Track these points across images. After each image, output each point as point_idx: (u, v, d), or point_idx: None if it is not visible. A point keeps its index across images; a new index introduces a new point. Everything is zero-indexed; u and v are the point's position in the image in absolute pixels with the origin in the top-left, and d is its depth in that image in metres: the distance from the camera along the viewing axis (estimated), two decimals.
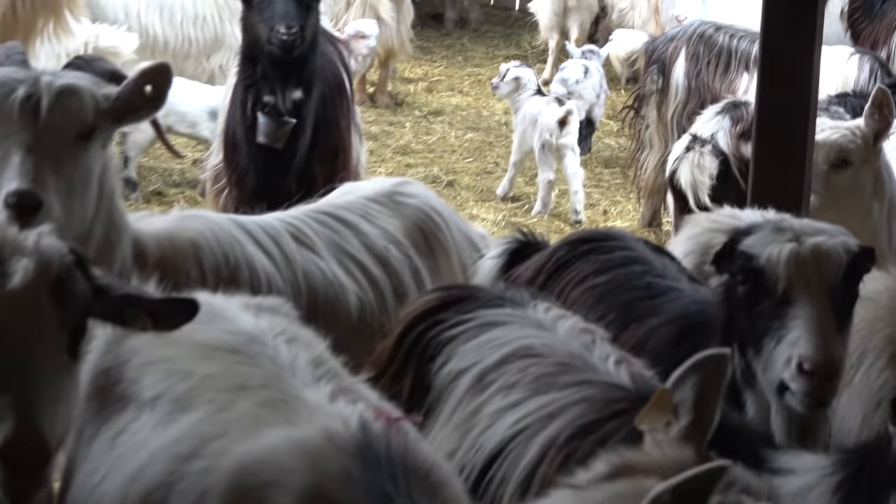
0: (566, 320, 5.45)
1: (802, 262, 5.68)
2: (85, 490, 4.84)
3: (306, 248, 6.93)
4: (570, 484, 3.98)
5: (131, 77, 6.65)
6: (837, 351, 5.60)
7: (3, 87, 6.30)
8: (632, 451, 4.00)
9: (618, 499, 3.79)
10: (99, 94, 6.46)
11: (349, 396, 4.75)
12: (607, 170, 15.12)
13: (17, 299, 4.40)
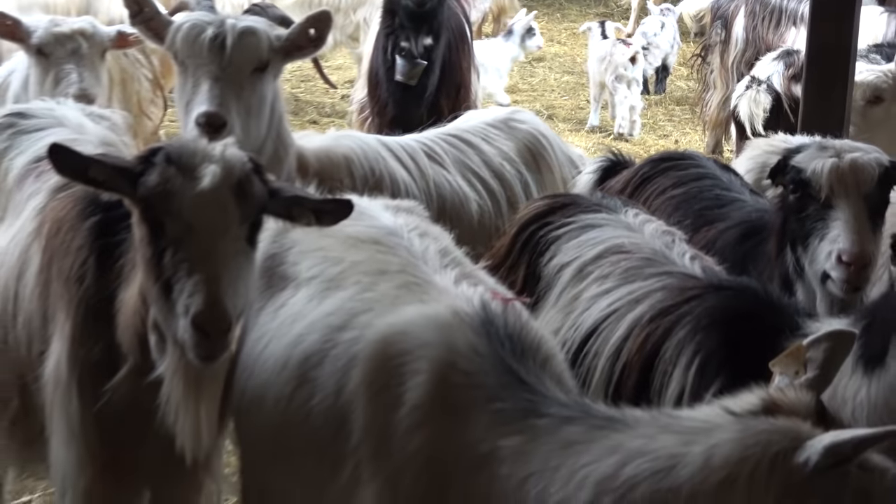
0: (650, 224, 5.44)
1: (842, 173, 5.63)
2: (253, 353, 4.86)
3: (436, 163, 6.91)
4: (726, 407, 3.84)
5: (299, 21, 6.69)
6: (871, 246, 5.61)
7: (195, 28, 6.36)
8: (772, 391, 3.87)
9: (777, 431, 3.66)
10: (272, 34, 6.52)
11: (471, 281, 4.75)
12: (678, 107, 14.98)
13: (207, 197, 4.42)
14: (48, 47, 7.28)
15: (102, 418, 5.07)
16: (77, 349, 5.10)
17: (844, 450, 3.51)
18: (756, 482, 3.59)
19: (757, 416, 3.72)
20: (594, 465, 3.80)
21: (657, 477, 3.69)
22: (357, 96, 10.40)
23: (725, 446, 3.65)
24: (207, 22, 6.40)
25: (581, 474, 3.79)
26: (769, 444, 3.62)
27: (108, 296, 5.02)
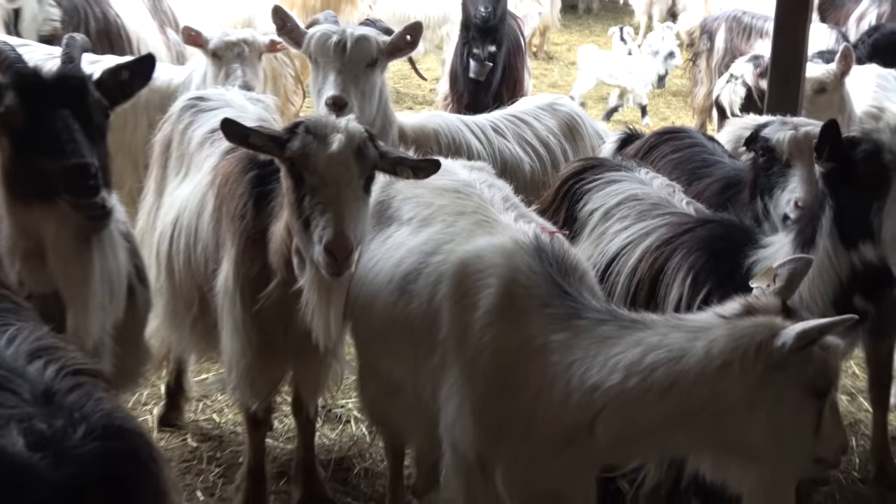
0: (657, 179, 5.39)
1: (798, 141, 5.51)
2: (365, 270, 4.85)
3: (500, 135, 6.86)
4: (719, 313, 3.99)
5: (399, 30, 6.63)
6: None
7: (324, 36, 6.37)
8: (749, 298, 4.02)
9: (759, 326, 3.84)
10: (380, 39, 6.47)
11: (526, 219, 4.73)
12: (674, 98, 14.87)
13: (335, 158, 4.49)
14: (220, 51, 7.31)
15: (258, 318, 5.12)
16: (240, 268, 5.15)
17: (811, 334, 3.71)
18: (746, 363, 3.76)
19: (741, 317, 3.88)
20: (623, 354, 3.92)
21: (671, 364, 3.83)
22: (441, 89, 10.34)
23: (721, 340, 3.82)
24: (333, 31, 6.41)
25: (613, 361, 3.91)
26: (754, 336, 3.80)
27: (262, 229, 5.06)
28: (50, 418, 2.61)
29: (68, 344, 3.16)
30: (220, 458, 6.08)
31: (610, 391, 3.91)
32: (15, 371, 2.81)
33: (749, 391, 3.79)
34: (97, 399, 2.74)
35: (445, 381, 4.36)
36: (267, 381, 5.37)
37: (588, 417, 3.96)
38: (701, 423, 3.89)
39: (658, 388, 3.84)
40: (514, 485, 4.32)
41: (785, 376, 3.79)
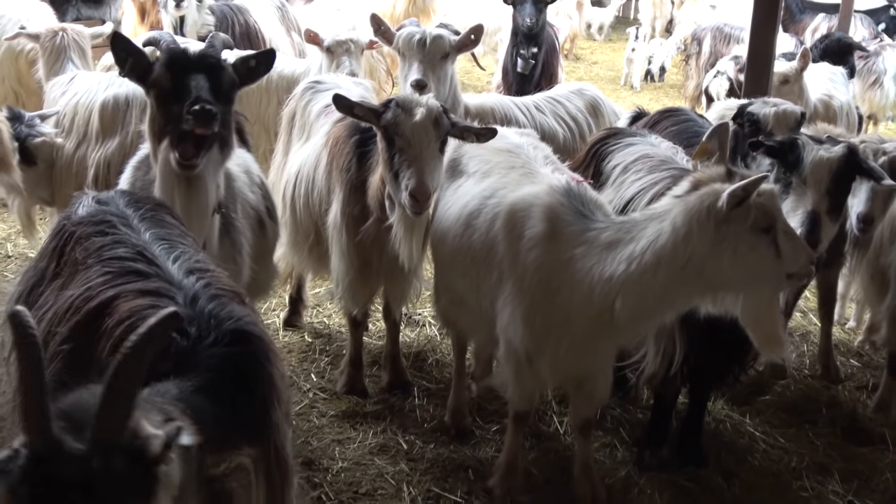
0: (664, 143, 5.23)
1: (779, 115, 5.33)
2: (441, 211, 4.80)
3: (540, 112, 6.72)
4: (673, 195, 4.08)
5: (465, 31, 6.52)
6: None
7: (409, 35, 6.33)
8: (697, 173, 4.11)
9: (705, 195, 3.89)
10: (451, 38, 6.38)
11: (560, 172, 4.68)
12: (671, 89, 14.56)
13: (419, 126, 4.51)
14: (333, 48, 7.29)
15: (358, 246, 5.10)
16: (345, 208, 5.12)
17: (738, 192, 3.79)
18: (702, 226, 3.87)
19: (691, 192, 3.97)
20: (623, 250, 4.03)
21: (653, 245, 3.96)
22: (495, 80, 10.12)
23: (679, 216, 3.93)
24: (416, 31, 6.34)
25: (618, 257, 4.02)
26: (702, 204, 3.89)
27: (362, 179, 5.03)
28: (193, 321, 2.65)
29: (217, 267, 3.17)
30: (329, 350, 6.08)
31: (620, 278, 3.98)
32: (174, 283, 2.87)
33: (711, 244, 3.86)
34: (230, 309, 2.75)
35: (501, 294, 4.36)
36: (364, 293, 5.37)
37: (609, 301, 4.02)
38: (688, 280, 3.95)
39: (650, 265, 3.95)
40: (556, 368, 4.37)
41: (734, 225, 3.84)
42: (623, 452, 5.11)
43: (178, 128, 3.83)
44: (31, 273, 3.35)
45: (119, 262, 2.97)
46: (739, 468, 5.01)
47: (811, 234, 4.61)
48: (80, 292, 2.90)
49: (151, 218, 3.33)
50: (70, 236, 3.22)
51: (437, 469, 4.84)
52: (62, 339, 2.82)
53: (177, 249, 3.09)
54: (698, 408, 5.05)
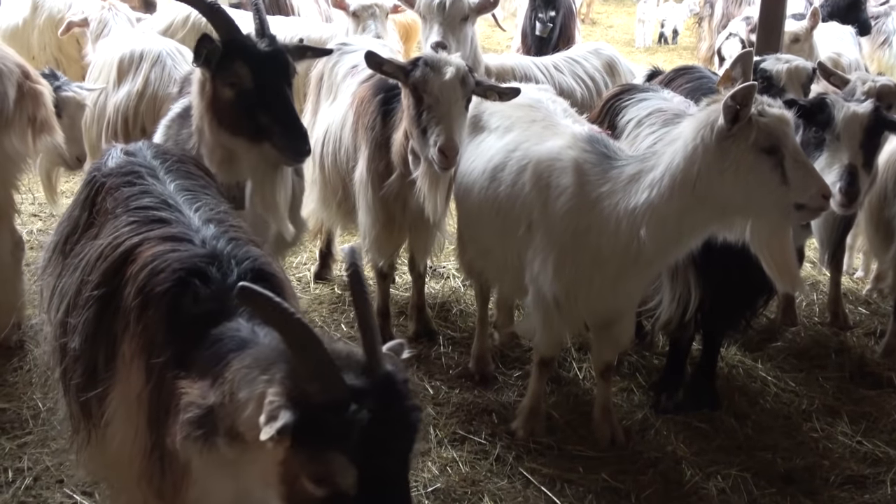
0: (676, 97, 5.12)
1: (791, 71, 5.24)
2: (465, 165, 4.73)
3: (558, 71, 6.65)
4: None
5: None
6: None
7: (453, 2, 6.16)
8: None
9: (709, 111, 3.91)
10: (471, 1, 6.23)
11: (579, 123, 4.65)
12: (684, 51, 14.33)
13: (447, 84, 4.46)
14: (359, 12, 7.26)
15: (383, 200, 5.07)
16: (371, 164, 5.09)
17: (729, 102, 3.75)
18: (705, 140, 3.84)
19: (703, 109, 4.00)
20: (644, 179, 4.01)
21: (668, 169, 3.94)
22: (514, 45, 10.03)
23: (687, 131, 3.97)
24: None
25: (640, 186, 4.00)
26: (707, 119, 3.88)
27: (386, 136, 4.99)
28: (212, 261, 2.66)
29: (236, 218, 3.17)
30: None
31: (643, 206, 3.96)
32: (192, 228, 2.86)
33: (714, 160, 3.81)
34: (246, 250, 2.76)
35: (531, 244, 4.35)
36: (390, 245, 5.35)
37: (635, 232, 3.99)
38: (700, 202, 3.89)
39: (667, 188, 3.94)
40: (587, 310, 4.37)
41: (735, 142, 3.77)
42: (640, 396, 5.09)
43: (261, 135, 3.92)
44: (65, 223, 3.35)
45: (144, 210, 2.98)
46: (751, 410, 4.98)
47: (851, 185, 4.54)
48: (109, 241, 2.91)
49: (177, 169, 3.32)
50: (101, 187, 3.23)
51: (462, 413, 4.83)
52: (93, 285, 2.83)
53: (199, 200, 3.10)
54: (712, 353, 5.02)
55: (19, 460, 4.26)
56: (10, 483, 4.11)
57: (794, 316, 5.97)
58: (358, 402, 2.10)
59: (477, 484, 4.27)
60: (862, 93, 5.26)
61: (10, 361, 5.07)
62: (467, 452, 4.50)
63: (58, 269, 3.20)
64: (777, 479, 4.41)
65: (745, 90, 3.75)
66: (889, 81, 5.48)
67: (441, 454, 4.47)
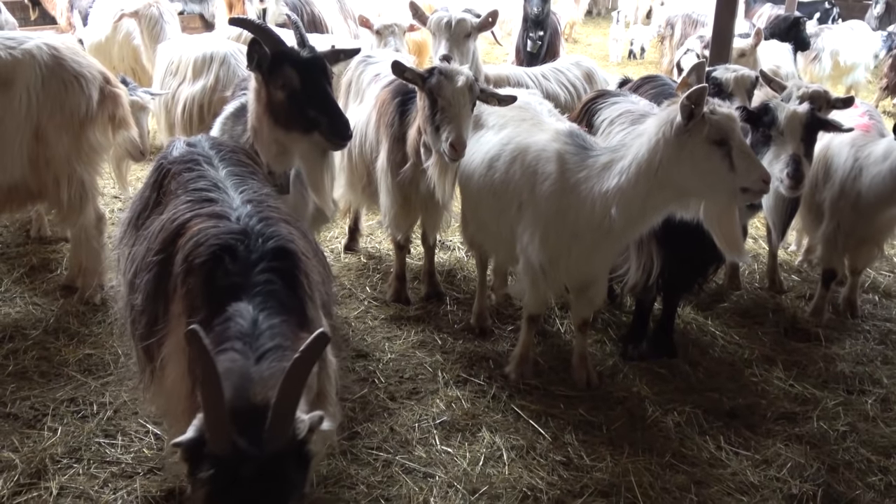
0: (642, 101, 5.06)
1: (737, 79, 5.16)
2: (467, 158, 4.60)
3: (545, 79, 6.53)
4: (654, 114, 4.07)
5: (484, 15, 6.19)
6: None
7: (439, 17, 6.05)
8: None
9: (669, 111, 3.85)
10: (473, 20, 6.08)
11: (561, 122, 4.56)
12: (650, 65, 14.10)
13: (458, 90, 4.40)
14: (381, 30, 7.16)
15: (400, 185, 5.02)
16: (389, 155, 5.03)
17: (685, 102, 3.70)
18: (666, 135, 3.80)
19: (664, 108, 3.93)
20: (615, 166, 3.97)
21: (634, 158, 3.90)
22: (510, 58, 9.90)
23: (651, 127, 3.90)
24: (445, 15, 6.07)
25: (611, 173, 3.99)
26: (667, 117, 3.82)
27: (403, 132, 4.94)
28: (243, 238, 2.66)
29: (276, 200, 3.15)
30: (380, 269, 6.02)
31: (614, 189, 3.93)
32: (231, 207, 2.87)
33: (674, 150, 3.76)
34: (274, 229, 2.72)
35: (521, 220, 4.30)
36: (406, 222, 5.30)
37: (607, 211, 3.95)
38: (661, 185, 3.84)
39: (633, 174, 3.88)
40: (567, 275, 4.32)
41: (691, 136, 3.73)
42: (611, 347, 5.06)
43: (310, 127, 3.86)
44: (137, 202, 3.38)
45: (198, 192, 2.99)
46: (703, 359, 4.96)
47: (797, 171, 4.50)
48: (169, 215, 2.93)
49: (229, 158, 3.34)
50: (167, 172, 3.26)
51: (465, 360, 4.81)
52: (154, 252, 2.85)
53: (244, 184, 3.09)
54: (670, 312, 4.99)
55: (102, 396, 4.28)
56: (95, 414, 4.13)
57: (738, 282, 5.93)
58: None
59: (476, 417, 4.26)
60: (797, 97, 5.22)
61: (95, 315, 5.08)
62: (468, 392, 4.49)
63: (131, 240, 3.22)
64: (723, 414, 4.40)
65: (698, 92, 3.70)
66: (819, 88, 5.43)
67: (447, 393, 4.46)
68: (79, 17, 10.30)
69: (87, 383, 4.38)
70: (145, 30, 7.57)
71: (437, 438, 4.08)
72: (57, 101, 4.84)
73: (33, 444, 3.89)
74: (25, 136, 4.82)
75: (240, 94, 4.74)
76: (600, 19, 19.62)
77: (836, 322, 5.53)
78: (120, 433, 3.99)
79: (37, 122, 4.81)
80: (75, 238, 5.30)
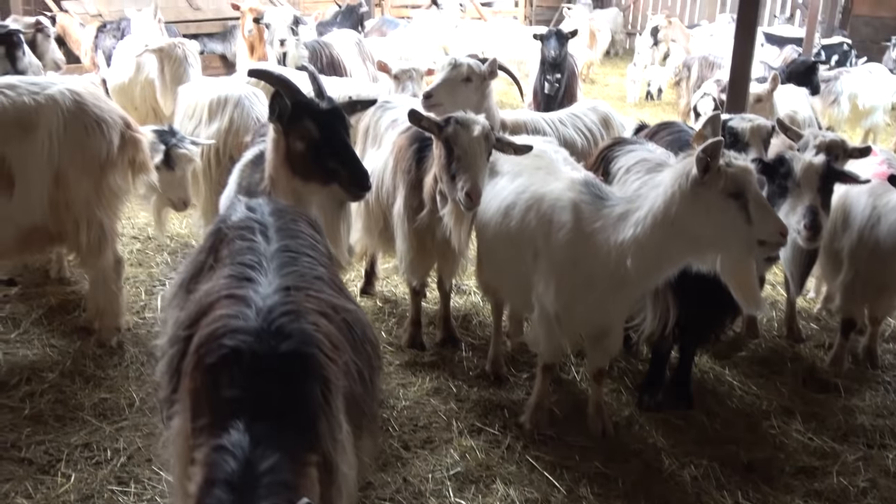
0: (659, 149, 5.01)
1: (753, 129, 5.12)
2: (483, 204, 4.58)
3: (562, 124, 6.54)
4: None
5: (489, 61, 6.15)
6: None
7: (454, 66, 6.03)
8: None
9: (685, 163, 3.85)
10: (473, 65, 6.06)
11: (577, 171, 4.53)
12: (667, 106, 14.16)
13: (475, 139, 4.42)
14: (399, 75, 7.21)
15: (416, 231, 5.01)
16: (406, 201, 5.03)
17: (700, 155, 3.69)
18: (682, 188, 3.79)
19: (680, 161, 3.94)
20: (631, 217, 3.95)
21: (651, 210, 3.88)
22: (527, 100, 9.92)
23: (667, 180, 3.89)
24: (451, 60, 6.09)
25: (627, 224, 3.97)
26: (683, 170, 3.82)
27: (419, 179, 4.93)
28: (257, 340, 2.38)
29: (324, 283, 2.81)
30: (395, 313, 6.02)
31: (629, 240, 3.91)
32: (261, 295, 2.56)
33: (690, 203, 3.75)
34: (295, 327, 2.44)
35: (537, 269, 4.28)
36: (422, 268, 5.29)
37: (623, 261, 3.93)
38: (677, 236, 3.82)
39: (649, 225, 3.86)
40: (581, 324, 4.30)
41: (707, 189, 3.72)
42: (627, 396, 5.02)
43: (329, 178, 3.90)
44: (191, 265, 3.18)
45: (242, 267, 2.75)
46: (720, 409, 4.90)
47: (813, 222, 4.49)
48: (208, 288, 2.75)
49: (287, 229, 3.05)
50: (223, 237, 3.06)
51: (480, 408, 4.78)
52: (184, 325, 2.68)
53: (293, 263, 2.80)
54: (687, 361, 4.95)
55: (116, 441, 4.27)
56: (109, 461, 4.12)
57: (756, 330, 5.88)
58: None
59: (491, 468, 4.22)
60: (814, 146, 5.21)
61: (111, 359, 5.09)
62: (483, 441, 4.45)
63: (181, 303, 3.03)
64: (741, 468, 4.34)
65: (714, 145, 3.70)
66: (836, 136, 5.41)
67: (461, 442, 4.42)
68: (103, 57, 10.49)
69: (102, 428, 4.38)
70: (168, 69, 7.65)
71: (450, 490, 4.03)
72: (78, 146, 4.90)
73: (47, 490, 3.88)
74: (46, 179, 4.87)
75: (258, 141, 4.79)
76: (618, 59, 19.70)
77: (855, 372, 5.46)
78: (133, 480, 3.98)
79: (58, 166, 4.87)
80: (93, 281, 5.33)
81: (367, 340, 2.84)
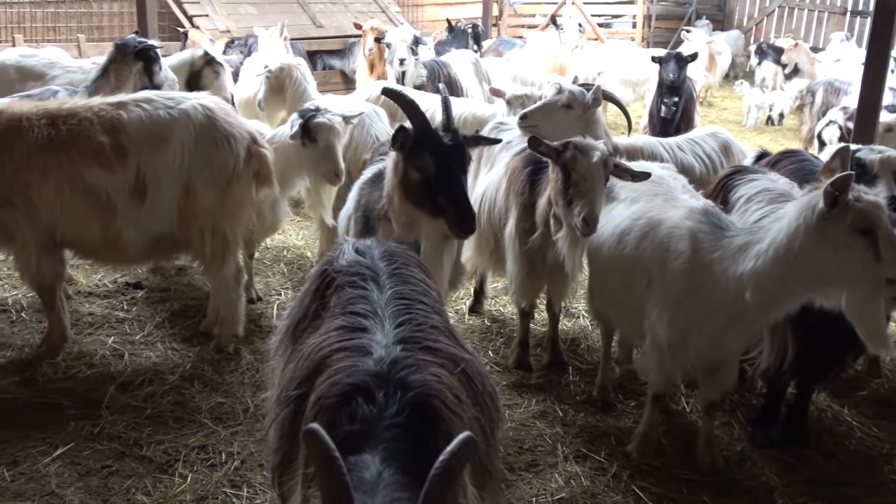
0: (782, 179, 4.89)
1: (883, 161, 4.92)
2: (600, 229, 4.50)
3: (680, 150, 6.43)
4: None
5: (594, 89, 5.96)
6: None
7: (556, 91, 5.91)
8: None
9: (811, 196, 3.76)
10: (579, 94, 5.87)
11: (696, 199, 4.47)
12: (788, 132, 13.69)
13: (593, 165, 4.40)
14: (512, 100, 7.01)
15: (527, 253, 5.01)
16: (518, 223, 5.05)
17: (829, 189, 3.61)
18: (808, 221, 3.68)
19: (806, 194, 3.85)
20: (751, 249, 3.87)
21: (773, 242, 3.79)
22: (643, 123, 9.86)
23: (792, 213, 3.80)
24: (560, 87, 5.93)
25: (747, 256, 3.89)
26: (809, 203, 3.72)
27: (532, 202, 4.93)
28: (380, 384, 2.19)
29: (440, 332, 2.58)
30: (503, 333, 6.02)
31: (749, 273, 3.82)
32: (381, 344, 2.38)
33: (815, 238, 3.65)
34: (418, 377, 2.24)
35: (651, 297, 4.22)
36: (532, 290, 5.30)
37: (741, 294, 3.85)
38: (800, 272, 3.71)
39: (771, 258, 3.77)
40: (696, 356, 4.20)
41: (834, 223, 3.61)
42: (739, 431, 4.87)
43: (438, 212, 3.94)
44: (296, 309, 3.00)
45: (354, 316, 2.56)
46: (837, 450, 4.71)
47: None
48: (319, 341, 2.54)
49: (399, 275, 2.86)
50: (331, 281, 2.87)
51: (586, 434, 4.73)
52: (295, 384, 2.49)
53: (408, 311, 2.60)
54: (804, 398, 4.77)
55: (231, 445, 4.42)
56: (223, 463, 4.27)
57: (878, 369, 5.62)
58: None
59: (595, 497, 4.16)
60: None
61: (228, 364, 5.27)
62: (588, 468, 4.40)
63: (287, 353, 2.86)
64: None
65: (844, 179, 3.58)
66: None
67: (566, 468, 4.38)
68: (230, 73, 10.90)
69: (218, 431, 4.54)
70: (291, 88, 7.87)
71: None
72: (207, 158, 5.13)
73: (164, 488, 4.05)
74: (176, 189, 5.12)
75: (378, 160, 4.90)
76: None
77: None
78: (245, 484, 4.10)
79: (188, 177, 5.11)
80: (215, 289, 5.54)
81: (486, 392, 2.59)
